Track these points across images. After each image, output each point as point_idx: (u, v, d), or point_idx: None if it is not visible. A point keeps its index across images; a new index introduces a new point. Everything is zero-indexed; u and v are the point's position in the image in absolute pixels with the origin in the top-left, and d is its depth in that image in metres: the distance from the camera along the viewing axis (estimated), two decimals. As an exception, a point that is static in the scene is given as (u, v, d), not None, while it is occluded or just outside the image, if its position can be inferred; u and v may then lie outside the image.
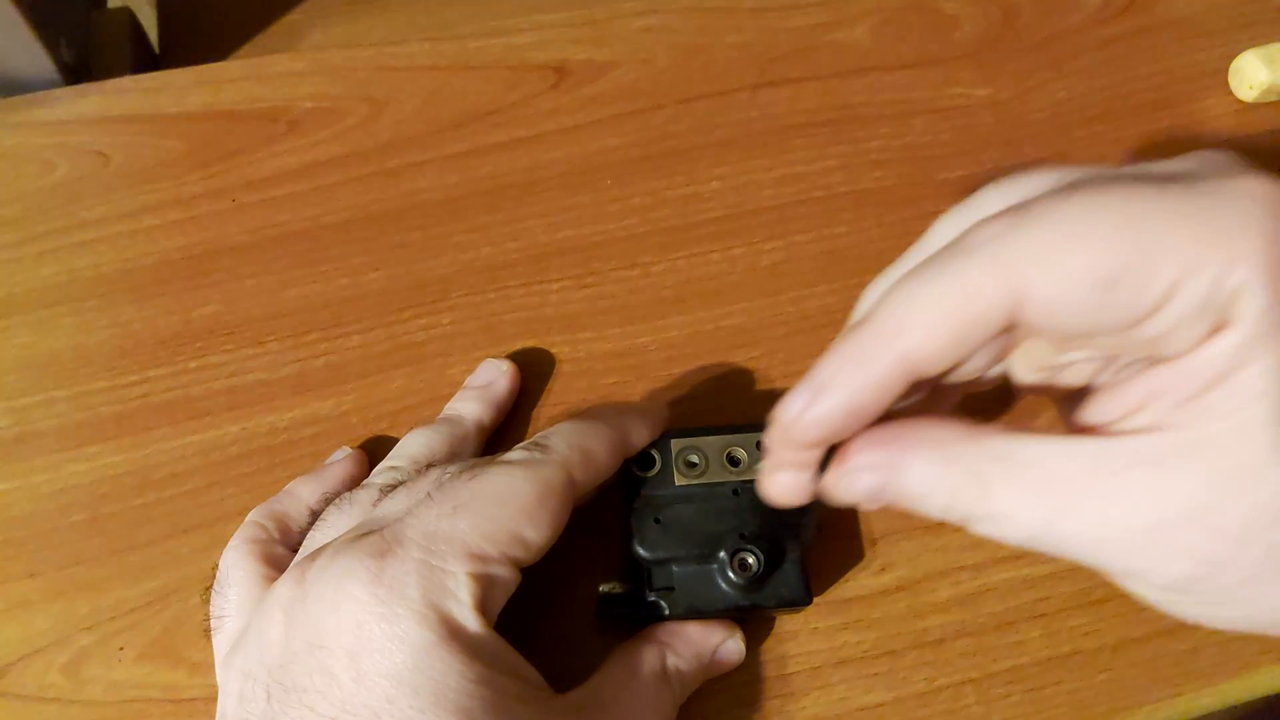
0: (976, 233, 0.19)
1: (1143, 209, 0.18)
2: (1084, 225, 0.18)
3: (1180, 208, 0.18)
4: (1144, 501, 0.18)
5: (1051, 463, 0.19)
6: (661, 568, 0.28)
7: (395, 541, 0.24)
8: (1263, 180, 0.18)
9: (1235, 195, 0.18)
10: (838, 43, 0.41)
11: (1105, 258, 0.18)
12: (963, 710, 0.29)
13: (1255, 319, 0.17)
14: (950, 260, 0.19)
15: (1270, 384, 0.17)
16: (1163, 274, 0.17)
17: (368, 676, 0.22)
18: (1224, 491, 0.18)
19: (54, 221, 0.37)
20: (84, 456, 0.32)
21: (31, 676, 0.29)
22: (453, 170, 0.38)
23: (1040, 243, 0.18)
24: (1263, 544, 0.18)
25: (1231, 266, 0.17)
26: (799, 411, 0.20)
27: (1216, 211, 0.18)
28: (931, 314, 0.19)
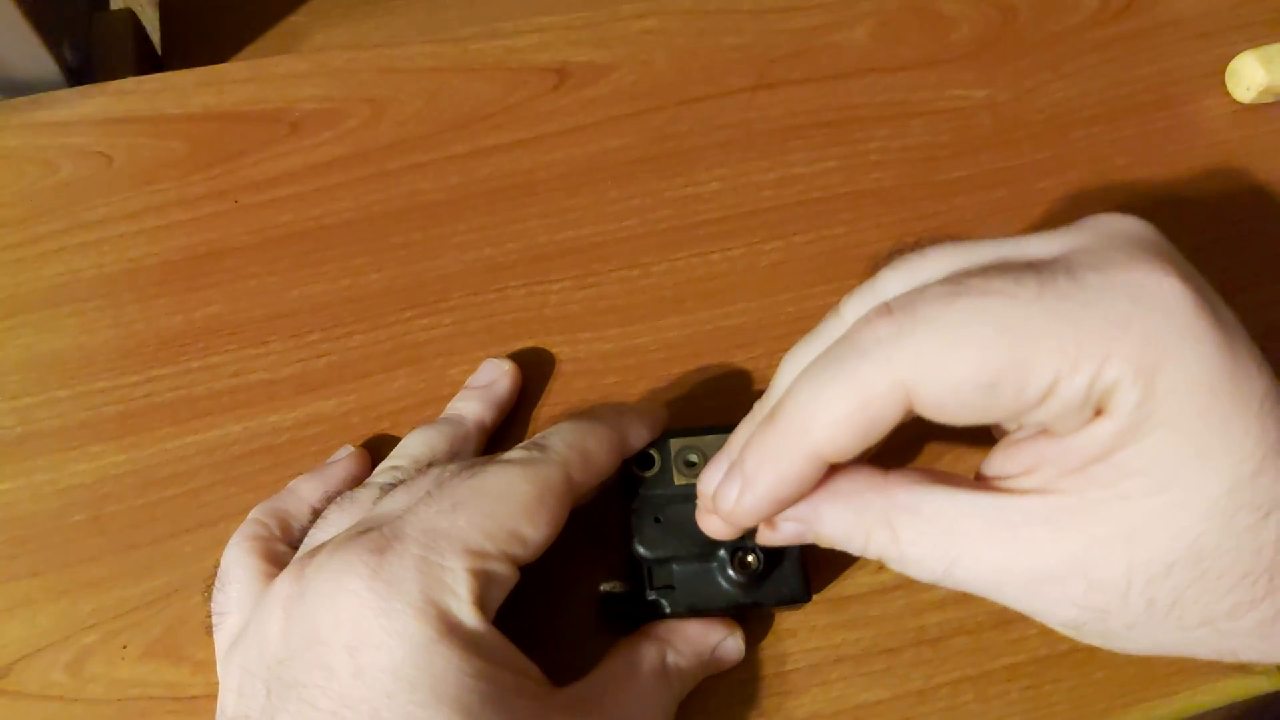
0: (871, 330, 0.20)
1: (1022, 316, 0.19)
2: (964, 333, 0.19)
3: (1058, 311, 0.19)
4: (1034, 555, 0.20)
5: (951, 515, 0.21)
6: (661, 566, 0.28)
7: (394, 538, 0.24)
8: (1148, 272, 0.19)
9: (1115, 294, 0.19)
10: (837, 44, 0.41)
11: (985, 366, 0.19)
12: (961, 708, 0.29)
13: (1130, 411, 0.19)
14: (846, 359, 0.20)
15: (1144, 463, 0.19)
16: (1040, 377, 0.19)
17: (366, 672, 0.22)
18: (1104, 551, 0.20)
19: (57, 222, 0.37)
20: (87, 456, 0.33)
21: (34, 675, 0.30)
22: (454, 171, 0.38)
23: (924, 350, 0.20)
24: (1144, 597, 0.20)
25: (1106, 366, 0.19)
26: (733, 502, 0.23)
27: (1093, 312, 0.19)
28: (833, 414, 0.21)
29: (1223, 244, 0.37)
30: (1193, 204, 0.37)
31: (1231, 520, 0.19)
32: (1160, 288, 0.19)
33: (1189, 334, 0.19)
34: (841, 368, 0.20)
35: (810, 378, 0.21)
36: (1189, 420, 0.19)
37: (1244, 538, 0.19)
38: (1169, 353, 0.19)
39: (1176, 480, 0.19)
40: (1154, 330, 0.19)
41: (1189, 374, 0.19)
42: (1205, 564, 0.19)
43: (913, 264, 0.23)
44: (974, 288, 0.20)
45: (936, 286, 0.20)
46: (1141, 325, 0.19)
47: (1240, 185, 0.38)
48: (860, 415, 0.20)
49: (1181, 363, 0.19)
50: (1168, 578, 0.20)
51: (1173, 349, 0.19)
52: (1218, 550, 0.19)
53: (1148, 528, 0.19)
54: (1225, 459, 0.19)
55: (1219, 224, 0.37)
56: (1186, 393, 0.19)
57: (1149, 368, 0.19)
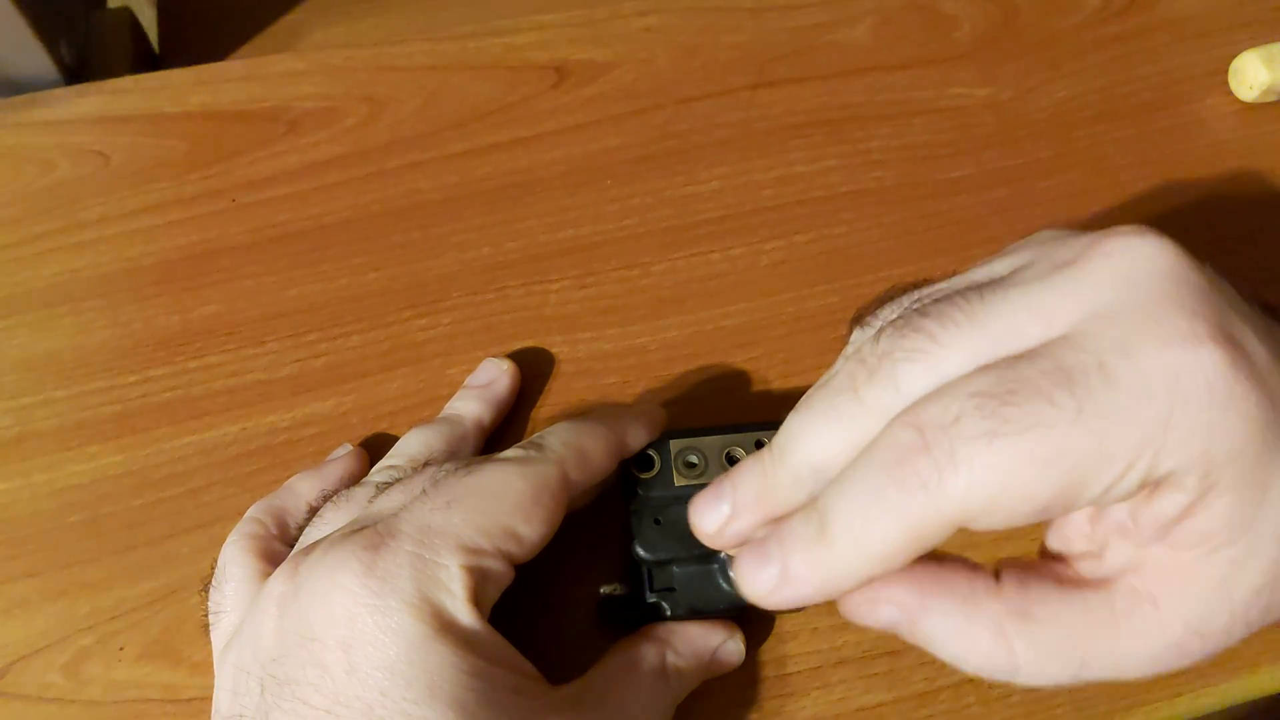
0: (913, 472, 0.19)
1: (1064, 446, 0.19)
2: (1009, 478, 0.19)
3: (1100, 431, 0.19)
4: (1152, 636, 0.20)
5: (1066, 618, 0.21)
6: (662, 569, 0.28)
7: (388, 534, 0.24)
8: (1181, 349, 0.19)
9: (1152, 390, 0.19)
10: (837, 43, 0.41)
11: (1033, 501, 0.19)
12: (963, 710, 0.29)
13: (1193, 486, 0.19)
14: (890, 497, 0.20)
15: (1220, 522, 0.19)
16: (1092, 491, 0.19)
17: (360, 668, 0.22)
18: (1209, 608, 0.20)
19: (54, 221, 0.37)
20: (84, 456, 0.32)
21: (31, 676, 0.29)
22: (453, 170, 0.38)
23: (975, 494, 0.19)
24: (1244, 625, 0.20)
25: (1156, 462, 0.19)
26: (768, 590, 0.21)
27: (1136, 416, 0.19)
28: (884, 549, 0.20)
29: (1225, 243, 0.36)
30: (1195, 203, 0.37)
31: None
32: (1196, 363, 0.19)
33: (1232, 406, 0.19)
34: (887, 506, 0.20)
35: (857, 506, 0.20)
36: (1248, 476, 0.19)
37: None
38: (1215, 429, 0.19)
39: (1251, 521, 0.19)
40: (1197, 416, 0.19)
41: (1238, 441, 0.19)
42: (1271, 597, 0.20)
43: (934, 358, 0.21)
44: (1011, 422, 0.19)
45: (971, 421, 0.19)
46: (1184, 415, 0.19)
47: (1243, 184, 0.38)
48: (913, 547, 0.20)
49: (1229, 434, 0.19)
50: (1259, 598, 0.20)
51: (1218, 424, 0.19)
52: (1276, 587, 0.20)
53: (1238, 570, 0.20)
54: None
55: (1221, 223, 0.37)
56: (1241, 457, 0.19)
57: (1200, 450, 0.19)
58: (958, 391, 0.20)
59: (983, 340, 0.21)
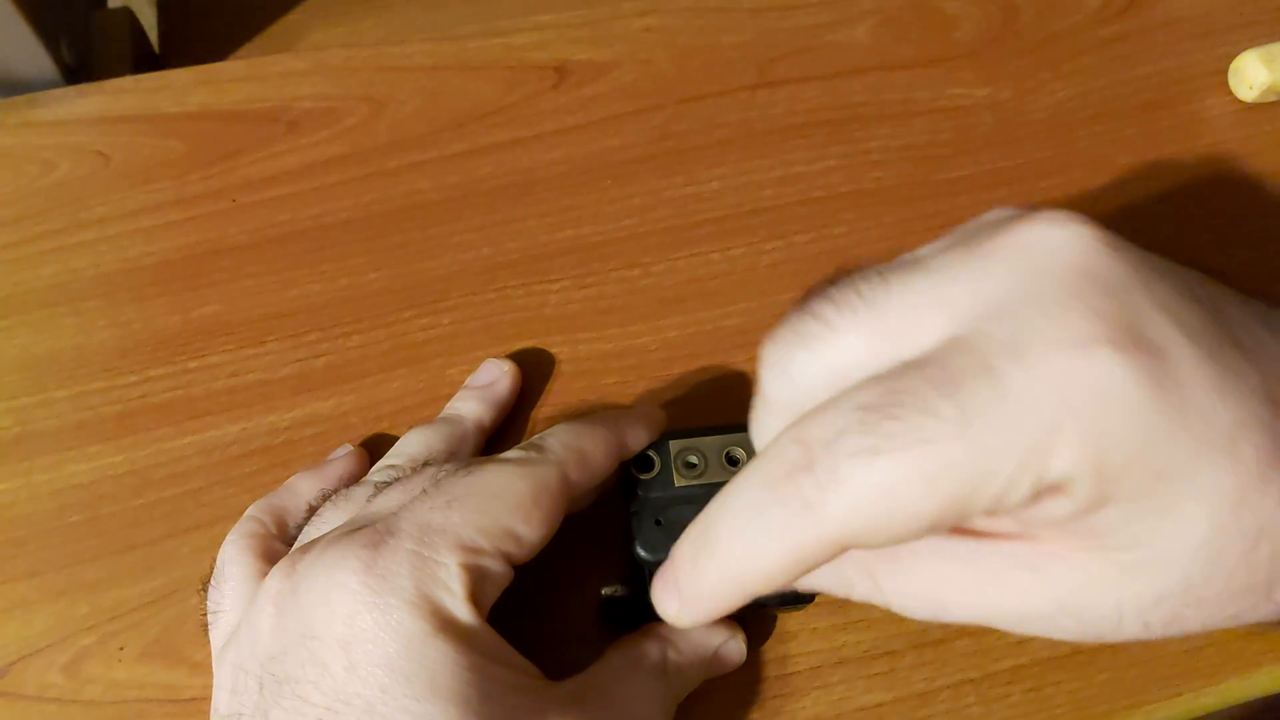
0: (796, 490, 0.19)
1: (947, 463, 0.18)
2: (892, 498, 0.18)
3: (984, 445, 0.18)
4: (1022, 600, 0.20)
5: (932, 564, 0.21)
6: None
7: (387, 533, 0.24)
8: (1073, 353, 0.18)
9: (1040, 397, 0.17)
10: (837, 43, 0.41)
11: (919, 518, 0.18)
12: (963, 710, 0.29)
13: (1083, 494, 0.18)
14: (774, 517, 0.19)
15: (1113, 525, 0.18)
16: (979, 503, 0.18)
17: (360, 666, 0.22)
18: (1091, 595, 0.20)
19: (54, 221, 0.37)
20: (84, 456, 0.32)
21: (31, 676, 0.29)
22: (453, 170, 0.38)
23: (857, 513, 0.18)
24: (1138, 623, 0.20)
25: (1045, 470, 0.18)
26: (673, 614, 0.22)
27: (1023, 425, 0.17)
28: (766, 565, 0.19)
29: (1225, 243, 0.36)
30: (1195, 203, 0.37)
31: (1219, 556, 0.18)
32: (1088, 368, 0.17)
33: (1128, 410, 0.17)
34: (768, 525, 0.19)
35: (740, 524, 0.20)
36: (1148, 485, 0.18)
37: (1236, 565, 0.19)
38: (1108, 437, 0.18)
39: (1152, 535, 0.18)
40: (1088, 424, 0.17)
41: (1136, 449, 0.18)
42: (1197, 592, 0.19)
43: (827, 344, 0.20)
44: (892, 439, 0.18)
45: (853, 437, 0.18)
46: (1074, 425, 0.17)
47: (1243, 184, 0.38)
48: (795, 567, 0.19)
49: (1125, 443, 0.18)
50: (1159, 606, 0.19)
51: (1112, 432, 0.17)
52: (1208, 581, 0.19)
53: (1131, 572, 0.19)
54: (1199, 508, 0.18)
55: (1221, 223, 0.37)
56: (1139, 465, 0.18)
57: (1093, 458, 0.18)
58: (844, 404, 0.19)
59: (878, 328, 0.20)
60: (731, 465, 0.28)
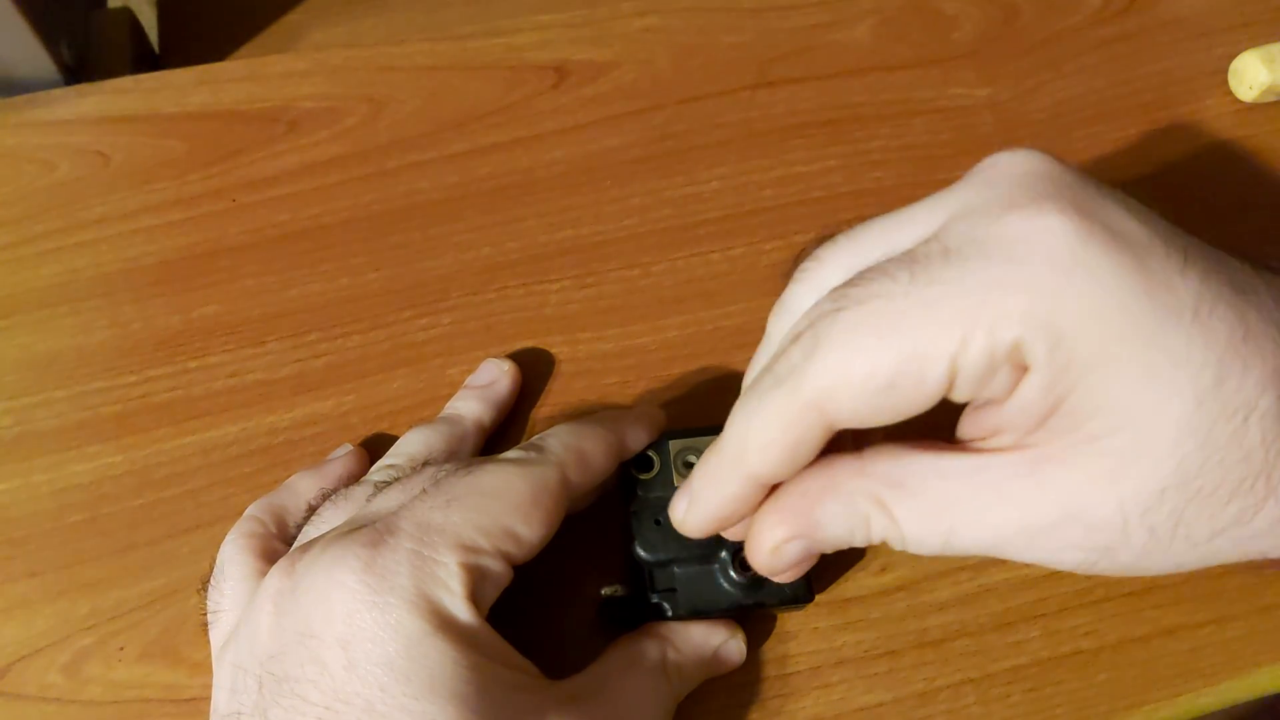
0: (784, 359, 0.21)
1: (897, 314, 0.19)
2: (851, 346, 0.20)
3: (931, 298, 0.19)
4: (1025, 510, 0.20)
5: (936, 484, 0.21)
6: (663, 569, 0.28)
7: (387, 532, 0.24)
8: (1022, 218, 0.19)
9: (987, 258, 0.19)
10: (837, 43, 0.41)
11: (875, 373, 0.19)
12: (962, 710, 0.29)
13: (1046, 361, 0.19)
14: (765, 388, 0.21)
15: (1094, 403, 0.19)
16: (935, 365, 0.19)
17: (360, 665, 0.22)
18: (1091, 493, 0.19)
19: (54, 221, 0.37)
20: (84, 456, 0.32)
21: (31, 676, 0.29)
22: (453, 170, 0.38)
23: (824, 371, 0.20)
24: (1144, 527, 0.19)
25: (997, 330, 0.18)
26: (682, 514, 0.24)
27: (968, 284, 0.19)
28: (761, 440, 0.21)
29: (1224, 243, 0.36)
30: (1195, 203, 0.37)
31: (1210, 434, 0.19)
32: (1036, 232, 0.19)
33: (1078, 268, 0.18)
34: (763, 397, 0.21)
35: (741, 406, 0.22)
36: (1115, 349, 0.18)
37: (1228, 448, 0.19)
38: (1060, 294, 0.18)
39: (1135, 410, 0.19)
40: (1035, 279, 0.18)
41: (1092, 306, 0.18)
42: (1196, 482, 0.19)
43: (812, 274, 0.23)
44: (852, 298, 0.20)
45: (825, 302, 0.21)
46: (1020, 278, 0.18)
47: (1243, 184, 0.38)
48: (785, 438, 0.21)
49: (1078, 298, 0.18)
50: (1161, 504, 0.19)
51: (1063, 289, 0.18)
52: (1204, 466, 0.19)
53: (1126, 463, 0.19)
54: (1176, 375, 0.18)
55: (1221, 223, 0.37)
56: (1098, 324, 0.18)
57: (1044, 315, 0.18)
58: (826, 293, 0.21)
59: (855, 250, 0.22)
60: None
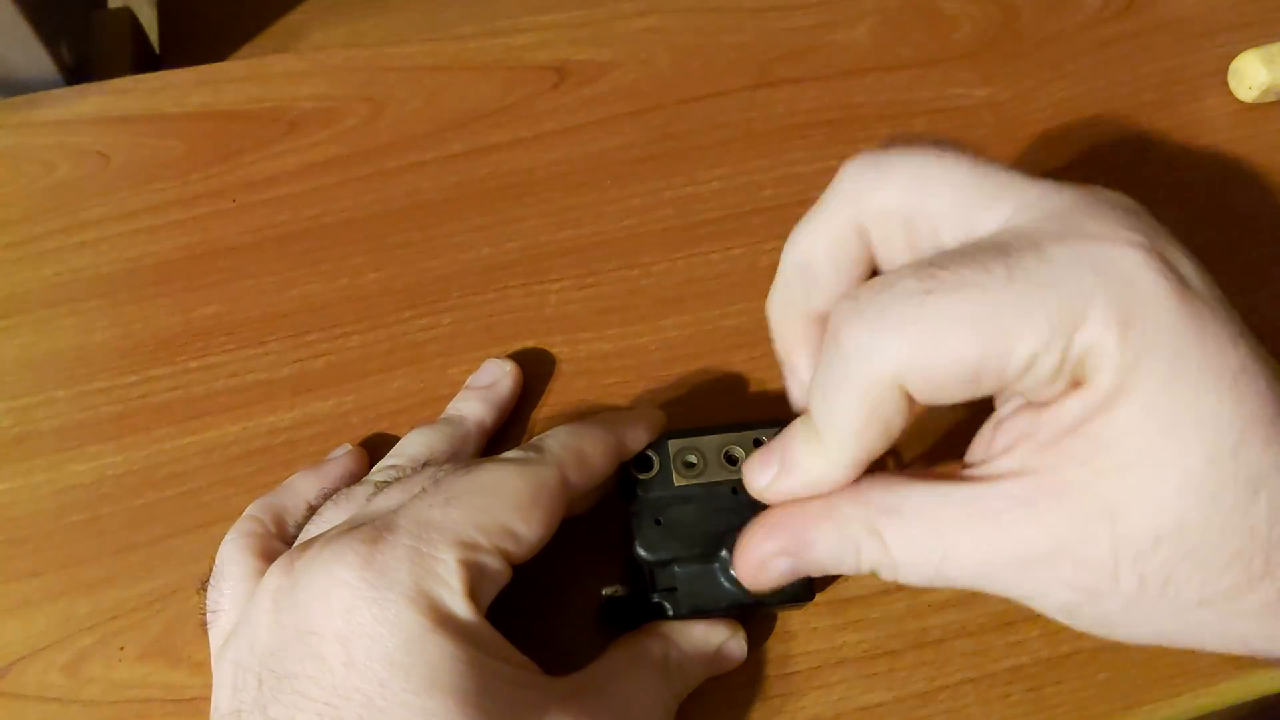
0: (850, 338, 0.21)
1: (993, 307, 0.20)
2: (940, 335, 0.20)
3: (1026, 295, 0.19)
4: (1018, 540, 0.20)
5: (933, 511, 0.21)
6: (664, 569, 0.28)
7: (386, 529, 0.24)
8: (1111, 243, 0.20)
9: (1079, 267, 0.19)
10: (837, 43, 0.41)
11: (964, 362, 0.20)
12: (962, 710, 0.29)
13: (1104, 378, 0.19)
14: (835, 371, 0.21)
15: (1116, 435, 0.19)
16: (1018, 358, 0.20)
17: (359, 661, 0.22)
18: (1087, 529, 0.20)
19: (54, 222, 0.37)
20: (85, 456, 0.33)
21: (32, 676, 0.29)
22: (453, 170, 0.38)
23: (907, 354, 0.20)
24: (1134, 574, 0.20)
25: (1076, 336, 0.19)
26: (766, 482, 0.24)
27: (1060, 289, 0.19)
28: (850, 427, 0.21)
29: (1225, 243, 0.36)
30: (1195, 203, 0.37)
31: (1216, 496, 0.19)
32: (1123, 258, 0.19)
33: (1152, 302, 0.19)
34: (839, 379, 0.21)
35: (817, 391, 0.22)
36: (1156, 390, 0.19)
37: (1232, 515, 0.19)
38: (1133, 319, 0.19)
39: (1150, 452, 0.19)
40: (1118, 299, 0.19)
41: (1153, 341, 0.19)
42: (1193, 540, 0.19)
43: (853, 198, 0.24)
44: (945, 283, 0.20)
45: (907, 281, 0.20)
46: (1105, 295, 0.19)
47: (1243, 185, 0.38)
48: (874, 418, 0.21)
49: (1145, 329, 0.19)
50: (1155, 553, 0.19)
51: (1136, 316, 0.19)
52: (1205, 527, 0.19)
53: (1127, 503, 0.19)
54: (1197, 431, 0.19)
55: (1221, 223, 0.37)
56: (1152, 361, 0.19)
57: (1120, 337, 0.19)
58: (897, 269, 0.21)
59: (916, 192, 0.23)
60: (731, 464, 0.28)
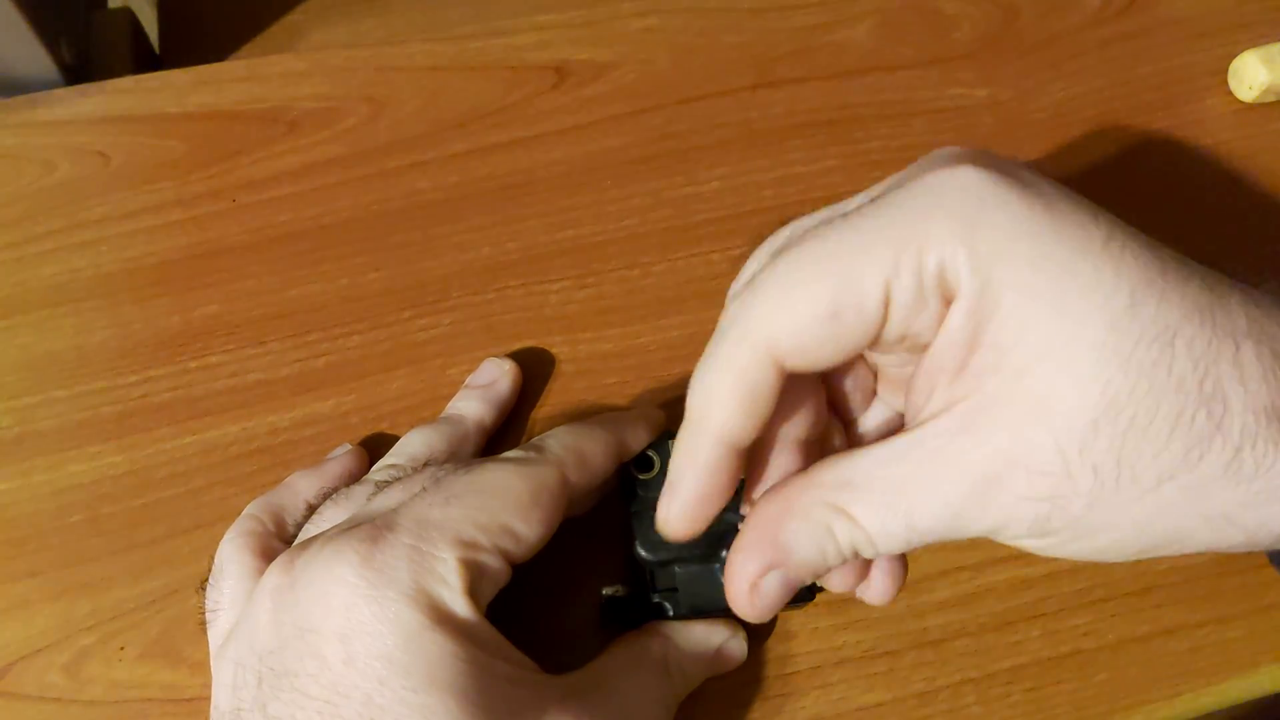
0: (726, 313, 0.22)
1: (835, 243, 0.20)
2: (792, 279, 0.20)
3: (866, 228, 0.20)
4: (969, 467, 0.20)
5: (883, 472, 0.21)
6: (664, 569, 0.28)
7: (386, 528, 0.24)
8: (946, 169, 0.20)
9: (915, 195, 0.20)
10: (837, 43, 0.41)
11: (818, 299, 0.20)
12: (962, 710, 0.29)
13: (966, 284, 0.19)
14: (713, 345, 0.22)
15: (1012, 333, 0.19)
16: (871, 288, 0.20)
17: (359, 658, 0.22)
18: (1025, 435, 0.19)
19: (55, 222, 0.37)
20: (85, 456, 0.33)
21: (32, 676, 0.29)
22: (453, 171, 0.38)
23: (766, 309, 0.21)
24: (1086, 466, 0.19)
25: (924, 253, 0.19)
26: (664, 513, 0.23)
27: (898, 215, 0.20)
28: (718, 392, 0.21)
29: (1224, 243, 0.36)
30: (1194, 203, 0.37)
31: (1130, 359, 0.18)
32: (956, 176, 0.20)
33: (993, 201, 0.19)
34: (712, 354, 0.21)
35: (695, 373, 0.22)
36: (1027, 276, 0.19)
37: (1155, 374, 0.18)
38: (978, 222, 0.19)
39: (1051, 337, 0.19)
40: (958, 208, 0.19)
41: (1006, 233, 0.19)
42: (1128, 411, 0.19)
43: (759, 252, 0.24)
44: (794, 240, 0.21)
45: (760, 253, 0.23)
46: (943, 210, 0.19)
47: (1242, 184, 0.38)
48: (739, 387, 0.21)
49: (992, 227, 0.19)
50: (1097, 437, 0.19)
51: (981, 218, 0.19)
52: (1133, 393, 0.18)
53: (1050, 394, 0.19)
54: (1087, 300, 0.19)
55: (1221, 223, 0.37)
56: (1011, 249, 0.19)
57: (966, 240, 0.19)
58: None
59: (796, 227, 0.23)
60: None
